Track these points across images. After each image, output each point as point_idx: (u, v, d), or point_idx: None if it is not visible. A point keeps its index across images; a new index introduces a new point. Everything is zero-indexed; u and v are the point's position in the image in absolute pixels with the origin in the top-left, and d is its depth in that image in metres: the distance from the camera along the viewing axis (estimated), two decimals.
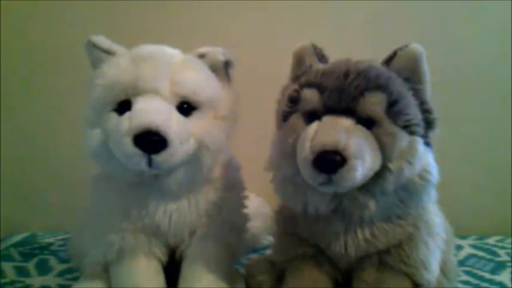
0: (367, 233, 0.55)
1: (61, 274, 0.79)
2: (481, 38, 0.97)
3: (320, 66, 0.56)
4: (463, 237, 0.93)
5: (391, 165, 0.50)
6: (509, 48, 0.96)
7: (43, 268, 0.82)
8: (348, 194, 0.52)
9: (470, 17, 0.97)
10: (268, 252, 0.77)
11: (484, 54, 0.98)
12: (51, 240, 0.98)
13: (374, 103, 0.50)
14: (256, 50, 0.98)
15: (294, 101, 0.55)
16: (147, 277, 0.63)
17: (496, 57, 0.97)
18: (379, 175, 0.51)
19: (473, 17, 0.97)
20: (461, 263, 0.81)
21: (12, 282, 0.75)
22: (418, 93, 0.53)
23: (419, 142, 0.51)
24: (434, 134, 0.54)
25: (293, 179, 0.54)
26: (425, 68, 0.54)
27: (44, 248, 0.93)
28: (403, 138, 0.50)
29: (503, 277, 0.76)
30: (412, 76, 0.53)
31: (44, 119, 1.06)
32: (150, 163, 0.56)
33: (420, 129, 0.52)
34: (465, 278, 0.75)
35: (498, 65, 0.98)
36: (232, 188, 0.69)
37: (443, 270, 0.60)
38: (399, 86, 0.51)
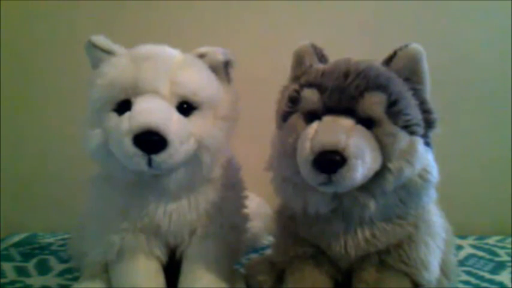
0: (367, 233, 0.55)
1: (61, 274, 0.79)
2: (481, 38, 0.97)
3: (320, 66, 0.56)
4: (463, 237, 0.93)
5: (391, 165, 0.50)
6: (509, 48, 0.96)
7: (43, 268, 0.82)
8: (348, 194, 0.52)
9: (471, 17, 0.97)
10: (268, 252, 0.77)
11: (484, 54, 0.97)
12: (51, 240, 0.98)
13: (374, 103, 0.50)
14: (256, 50, 0.98)
15: (294, 101, 0.55)
16: (146, 277, 0.63)
17: (496, 57, 0.97)
18: (379, 175, 0.51)
19: (473, 17, 0.97)
20: (461, 263, 0.81)
21: (12, 282, 0.75)
22: (418, 93, 0.53)
23: (419, 142, 0.51)
24: (434, 134, 0.54)
25: (293, 179, 0.54)
26: (425, 67, 0.54)
27: (44, 248, 0.93)
28: (403, 138, 0.50)
29: (503, 277, 0.76)
30: (412, 76, 0.53)
31: (44, 119, 1.06)
32: (150, 163, 0.56)
33: (420, 129, 0.52)
34: (465, 278, 0.75)
35: (498, 65, 0.98)
36: (232, 188, 0.69)
37: (443, 270, 0.60)
38: (399, 86, 0.51)
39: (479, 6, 0.97)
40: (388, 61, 0.54)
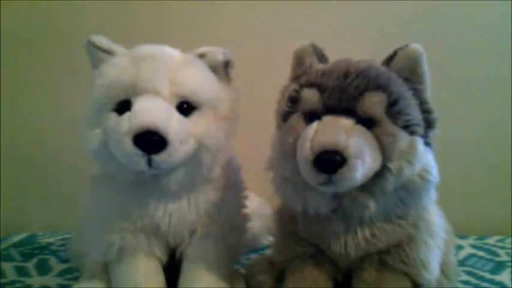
0: (367, 232, 0.55)
1: (61, 274, 0.79)
2: (481, 38, 0.97)
3: (320, 66, 0.56)
4: (463, 237, 0.93)
5: (391, 165, 0.50)
6: (509, 48, 0.96)
7: (43, 268, 0.82)
8: (348, 194, 0.52)
9: (470, 17, 0.97)
10: (268, 252, 0.77)
11: (484, 54, 0.97)
12: (51, 240, 0.98)
13: (374, 103, 0.50)
14: (255, 50, 0.98)
15: (294, 101, 0.55)
16: (147, 277, 0.63)
17: (496, 57, 0.97)
18: (379, 175, 0.51)
19: (473, 17, 0.97)
20: (461, 263, 0.81)
21: (12, 282, 0.75)
22: (418, 93, 0.53)
23: (419, 142, 0.51)
24: (435, 134, 0.54)
25: (293, 179, 0.54)
26: (425, 68, 0.54)
27: (44, 248, 0.93)
28: (403, 138, 0.50)
29: (503, 277, 0.76)
30: (412, 76, 0.53)
31: (44, 119, 1.06)
32: (150, 163, 0.56)
33: (420, 129, 0.52)
34: (465, 278, 0.75)
35: (498, 65, 0.98)
36: (232, 188, 0.69)
37: (443, 270, 0.60)
38: (399, 86, 0.51)
39: (479, 7, 0.97)
40: (388, 61, 0.54)
